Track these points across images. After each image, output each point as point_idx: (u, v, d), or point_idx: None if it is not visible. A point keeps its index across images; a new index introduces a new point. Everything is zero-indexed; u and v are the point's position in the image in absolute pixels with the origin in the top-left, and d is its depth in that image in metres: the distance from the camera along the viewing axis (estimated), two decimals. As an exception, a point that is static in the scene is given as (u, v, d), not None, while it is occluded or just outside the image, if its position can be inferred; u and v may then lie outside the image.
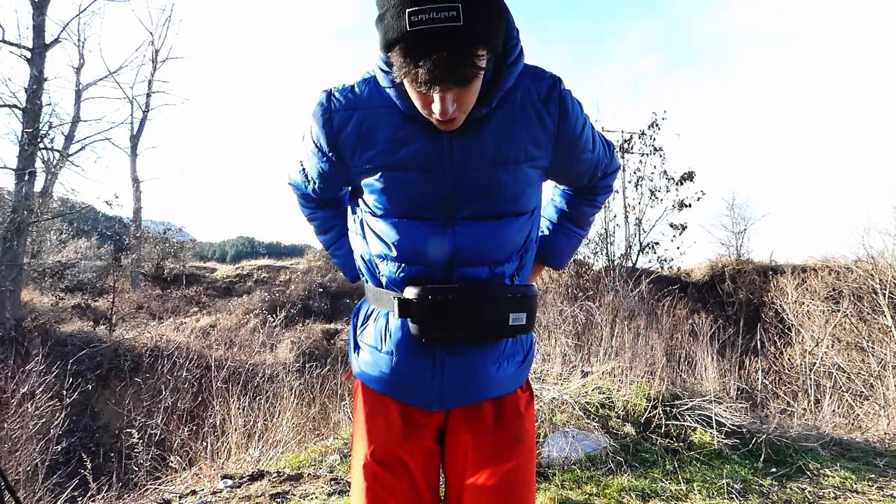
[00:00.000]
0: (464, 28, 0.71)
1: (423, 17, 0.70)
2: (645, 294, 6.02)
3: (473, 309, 0.89)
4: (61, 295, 13.31)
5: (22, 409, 4.19)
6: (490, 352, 0.96)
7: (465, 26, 0.71)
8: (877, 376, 6.67)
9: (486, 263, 0.94)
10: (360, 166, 0.94)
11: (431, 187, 0.90)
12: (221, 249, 34.02)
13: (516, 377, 1.01)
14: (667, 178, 10.47)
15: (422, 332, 0.91)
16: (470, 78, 0.77)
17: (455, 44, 0.72)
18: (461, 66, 0.74)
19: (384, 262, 0.96)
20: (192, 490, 2.89)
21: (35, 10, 11.03)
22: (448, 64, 0.72)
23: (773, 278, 12.38)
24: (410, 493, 0.97)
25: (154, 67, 18.22)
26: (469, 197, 0.91)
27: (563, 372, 4.19)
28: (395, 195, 0.92)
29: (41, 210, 11.17)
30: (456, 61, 0.73)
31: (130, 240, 16.56)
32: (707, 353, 4.70)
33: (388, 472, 0.97)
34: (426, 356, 0.94)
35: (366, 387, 1.02)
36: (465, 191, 0.91)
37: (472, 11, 0.71)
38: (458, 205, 0.91)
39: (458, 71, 0.74)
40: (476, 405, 0.98)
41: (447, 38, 0.71)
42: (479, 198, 0.91)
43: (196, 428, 4.38)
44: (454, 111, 0.81)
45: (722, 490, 2.78)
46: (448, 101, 0.79)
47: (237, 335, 11.31)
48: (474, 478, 0.96)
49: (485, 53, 0.77)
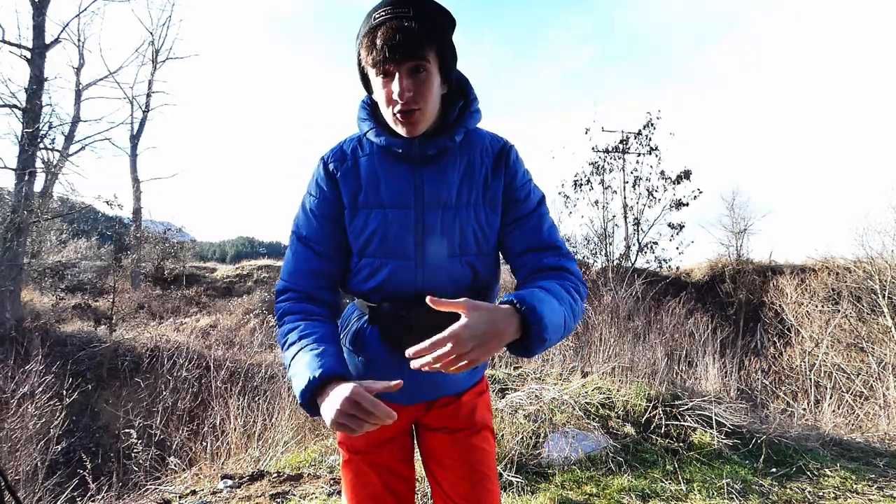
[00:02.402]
0: (413, 16, 0.93)
1: (384, 12, 0.94)
2: (644, 294, 6.02)
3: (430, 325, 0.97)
4: (61, 295, 13.31)
5: (22, 409, 4.19)
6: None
7: (414, 16, 0.93)
8: (877, 377, 6.67)
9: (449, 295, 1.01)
10: (346, 204, 1.08)
11: (406, 226, 1.05)
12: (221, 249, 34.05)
13: (469, 378, 1.19)
14: (664, 177, 10.48)
15: (388, 339, 1.07)
16: (416, 56, 0.95)
17: (405, 23, 0.93)
18: (409, 41, 0.93)
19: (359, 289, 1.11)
20: (192, 490, 2.89)
21: (35, 10, 11.03)
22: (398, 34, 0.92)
23: (773, 278, 12.39)
24: (390, 477, 1.15)
25: (154, 67, 18.23)
26: (438, 235, 1.05)
27: (563, 372, 4.19)
28: (374, 235, 1.06)
29: (41, 210, 11.16)
30: (404, 35, 0.93)
31: (130, 240, 16.56)
32: (707, 354, 4.70)
33: (367, 463, 1.14)
34: (396, 358, 1.05)
35: None
36: (434, 229, 1.05)
37: (422, 11, 0.95)
38: (428, 245, 1.05)
39: (407, 43, 0.93)
40: (445, 406, 1.17)
41: (400, 20, 0.93)
42: (446, 236, 1.06)
43: (196, 428, 4.38)
44: (413, 98, 0.96)
45: (722, 490, 2.78)
46: (404, 83, 0.96)
47: (237, 335, 11.31)
48: (442, 457, 1.17)
49: (431, 53, 0.97)
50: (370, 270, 1.07)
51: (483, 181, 1.08)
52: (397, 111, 0.98)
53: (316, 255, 1.09)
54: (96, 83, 15.82)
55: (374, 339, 1.09)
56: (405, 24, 0.93)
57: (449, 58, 1.02)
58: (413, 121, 0.99)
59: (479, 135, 1.12)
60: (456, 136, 1.05)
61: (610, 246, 10.43)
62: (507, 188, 1.10)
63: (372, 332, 1.10)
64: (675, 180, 10.35)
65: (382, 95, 0.99)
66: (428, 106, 0.99)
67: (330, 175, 1.08)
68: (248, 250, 32.41)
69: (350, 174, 1.07)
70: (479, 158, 1.09)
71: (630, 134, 10.86)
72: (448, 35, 1.02)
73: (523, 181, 1.12)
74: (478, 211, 1.08)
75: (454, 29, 1.03)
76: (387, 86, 0.98)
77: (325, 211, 1.08)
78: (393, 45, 0.93)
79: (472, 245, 1.08)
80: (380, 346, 1.09)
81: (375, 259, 1.06)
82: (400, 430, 1.17)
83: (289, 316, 1.05)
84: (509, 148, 1.13)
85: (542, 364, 4.59)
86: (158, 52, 18.20)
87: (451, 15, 1.01)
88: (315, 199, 1.09)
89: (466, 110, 1.08)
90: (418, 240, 1.05)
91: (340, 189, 1.08)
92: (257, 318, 12.52)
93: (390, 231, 1.05)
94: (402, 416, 1.15)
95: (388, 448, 1.15)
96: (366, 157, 1.08)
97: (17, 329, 9.34)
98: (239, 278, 17.66)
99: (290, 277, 1.09)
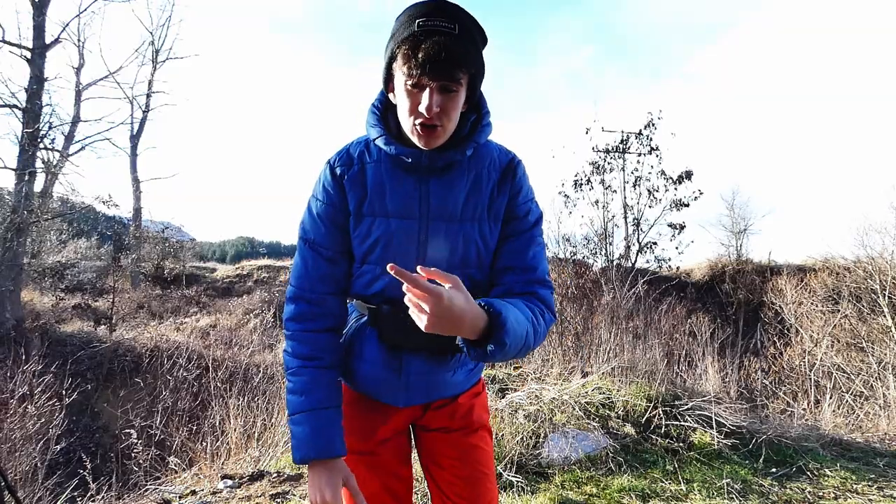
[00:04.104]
0: (457, 35, 0.93)
1: (429, 22, 0.93)
2: (645, 294, 6.02)
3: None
4: (61, 295, 13.31)
5: (22, 409, 4.19)
6: (444, 363, 1.12)
7: (458, 35, 0.93)
8: (877, 377, 6.67)
9: None
10: (352, 210, 1.08)
11: (409, 236, 1.05)
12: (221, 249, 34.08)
13: (467, 381, 1.19)
14: (664, 177, 10.48)
15: (388, 341, 1.09)
16: (454, 78, 0.94)
17: (449, 42, 0.92)
18: (450, 60, 0.92)
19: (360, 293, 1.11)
20: (191, 490, 2.89)
21: (35, 10, 11.02)
22: (442, 52, 0.91)
23: (773, 278, 12.38)
24: (388, 478, 1.15)
25: (154, 67, 18.24)
26: (441, 247, 1.06)
27: (562, 372, 4.19)
28: (377, 242, 1.06)
29: (41, 210, 11.15)
30: (447, 55, 0.92)
31: (130, 240, 16.56)
32: (707, 354, 4.70)
33: (365, 464, 1.14)
34: (394, 360, 1.09)
35: (345, 386, 1.17)
36: (437, 240, 1.06)
37: (465, 31, 0.94)
38: (430, 256, 1.05)
39: (448, 63, 0.92)
40: (443, 407, 1.18)
41: (444, 36, 0.92)
42: (449, 247, 1.06)
43: (196, 428, 4.38)
44: (438, 114, 0.96)
45: (722, 490, 2.78)
46: (434, 99, 0.95)
47: (237, 335, 11.30)
48: (440, 457, 1.18)
49: (465, 75, 0.96)
50: (371, 277, 1.07)
51: (489, 196, 1.08)
52: (419, 123, 0.98)
53: (324, 260, 1.09)
54: (96, 83, 15.85)
55: (372, 340, 1.10)
56: (449, 41, 0.92)
57: (479, 78, 1.02)
58: (433, 135, 0.99)
59: (488, 148, 1.12)
60: (467, 150, 1.05)
61: (610, 246, 10.42)
62: (509, 203, 1.11)
63: (371, 333, 1.11)
64: (676, 180, 10.34)
65: (407, 104, 0.98)
66: (450, 124, 1.00)
67: (336, 179, 1.08)
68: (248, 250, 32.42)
69: (356, 180, 1.07)
70: (487, 172, 1.09)
71: (630, 134, 10.86)
72: (482, 54, 1.01)
73: (526, 199, 1.13)
74: (482, 225, 1.08)
75: (486, 46, 1.02)
76: (415, 97, 0.97)
77: (331, 216, 1.08)
78: (434, 63, 0.92)
79: (473, 258, 1.08)
80: (378, 346, 1.10)
81: (377, 266, 1.06)
82: (397, 431, 1.18)
83: (298, 351, 1.07)
84: (517, 163, 1.13)
85: (542, 364, 4.59)
86: (158, 52, 18.23)
87: (485, 33, 1.00)
88: (322, 203, 1.09)
89: (478, 124, 1.08)
90: (421, 251, 1.05)
91: (346, 194, 1.07)
92: (257, 318, 12.52)
93: (393, 240, 1.05)
94: (399, 417, 1.16)
95: (385, 449, 1.15)
96: (373, 163, 1.07)
97: (17, 329, 9.33)
98: (239, 278, 17.66)
99: (300, 283, 1.09)
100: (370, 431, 1.15)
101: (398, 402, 1.12)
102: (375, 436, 1.14)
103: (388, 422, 1.16)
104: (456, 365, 1.14)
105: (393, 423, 1.16)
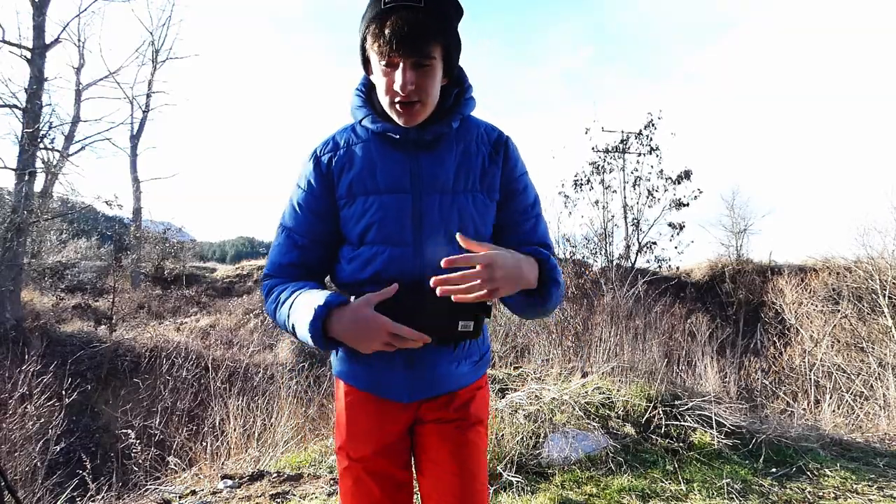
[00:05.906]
0: (423, 9, 0.93)
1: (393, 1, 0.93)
2: (645, 294, 6.02)
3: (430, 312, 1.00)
4: (61, 295, 13.31)
5: (21, 409, 4.19)
6: (448, 353, 1.11)
7: (424, 8, 0.93)
8: (877, 377, 6.67)
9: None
10: (343, 192, 1.08)
11: (403, 211, 1.04)
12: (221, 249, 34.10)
13: (472, 374, 1.17)
14: (664, 177, 10.48)
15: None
16: (424, 53, 0.94)
17: (416, 16, 0.92)
18: (418, 35, 0.93)
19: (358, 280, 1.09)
20: (191, 490, 2.89)
21: (35, 11, 11.01)
22: (408, 27, 0.92)
23: (773, 278, 12.38)
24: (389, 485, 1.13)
25: (154, 67, 18.23)
26: (436, 220, 1.05)
27: (562, 372, 4.19)
28: (372, 221, 1.05)
29: (41, 210, 11.15)
30: (414, 30, 0.92)
31: (130, 240, 16.56)
32: (707, 354, 4.70)
33: (366, 471, 1.12)
34: (399, 354, 1.06)
35: (347, 384, 1.16)
36: (431, 214, 1.05)
37: (434, 4, 0.94)
38: (426, 230, 1.04)
39: (415, 38, 0.92)
40: (440, 396, 1.14)
41: (409, 11, 0.92)
42: (444, 222, 1.05)
43: (196, 428, 4.38)
44: (414, 91, 0.96)
45: (722, 490, 2.78)
46: (408, 76, 0.95)
47: (237, 335, 11.30)
48: (431, 451, 1.14)
49: (438, 48, 0.96)
50: (369, 256, 1.06)
51: (480, 167, 1.09)
52: (397, 101, 0.98)
53: (297, 248, 1.10)
54: (96, 83, 15.84)
55: None
56: (416, 16, 0.92)
57: (454, 51, 1.02)
58: (412, 112, 1.00)
59: (474, 122, 1.13)
60: (453, 122, 1.06)
61: (610, 246, 10.43)
62: (505, 176, 1.11)
63: None
64: (676, 180, 10.34)
65: (383, 84, 0.99)
66: (429, 99, 1.00)
67: (320, 169, 1.09)
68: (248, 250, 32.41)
69: (345, 162, 1.07)
70: (475, 145, 1.09)
71: (630, 134, 10.87)
72: (455, 28, 1.01)
73: (521, 172, 1.14)
74: (475, 197, 1.08)
75: (461, 18, 1.02)
76: (389, 75, 0.97)
77: (311, 205, 1.09)
78: (401, 39, 0.92)
79: (470, 232, 1.07)
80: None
81: (374, 246, 1.05)
82: (401, 433, 1.16)
83: (278, 286, 1.08)
84: (506, 138, 1.14)
85: (542, 364, 4.59)
86: (158, 52, 18.21)
87: (459, 4, 1.00)
88: (303, 192, 1.10)
89: (461, 97, 1.09)
90: (416, 225, 1.04)
91: (334, 179, 1.08)
92: (257, 318, 12.52)
93: (388, 216, 1.04)
94: (402, 416, 1.14)
95: (387, 454, 1.13)
96: (361, 143, 1.08)
97: (16, 329, 9.33)
98: (239, 278, 17.64)
99: (273, 269, 1.12)
100: (374, 435, 1.12)
101: (403, 397, 1.10)
102: (379, 440, 1.12)
103: (394, 422, 1.13)
104: (461, 355, 1.13)
105: (398, 423, 1.14)
